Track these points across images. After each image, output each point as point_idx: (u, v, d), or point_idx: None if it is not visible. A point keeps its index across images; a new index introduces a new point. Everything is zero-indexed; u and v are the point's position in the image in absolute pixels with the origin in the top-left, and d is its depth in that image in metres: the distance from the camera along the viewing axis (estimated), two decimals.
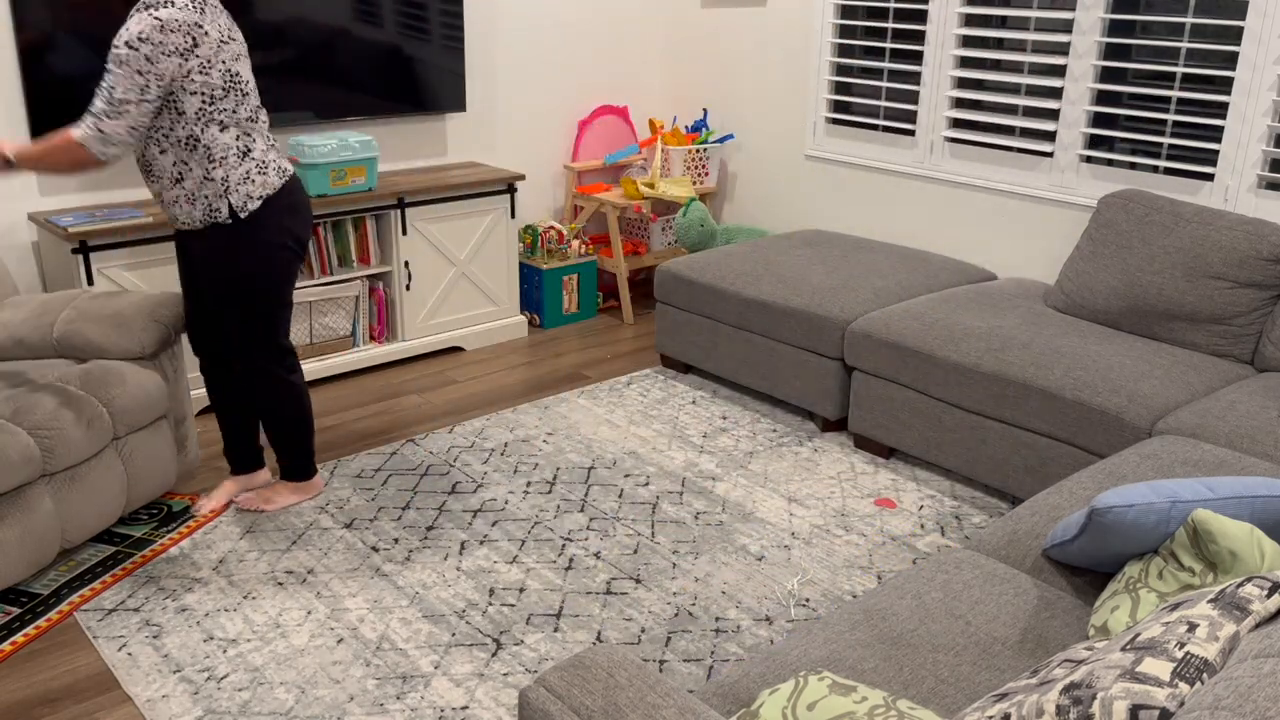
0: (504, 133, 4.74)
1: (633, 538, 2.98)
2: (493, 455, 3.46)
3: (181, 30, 2.53)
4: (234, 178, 2.71)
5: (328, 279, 3.98)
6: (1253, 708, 1.07)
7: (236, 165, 2.71)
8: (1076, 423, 2.91)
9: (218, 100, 2.64)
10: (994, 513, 3.16)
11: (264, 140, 2.78)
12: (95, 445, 2.73)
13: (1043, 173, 3.82)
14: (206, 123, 2.65)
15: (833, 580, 2.79)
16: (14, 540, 2.56)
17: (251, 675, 2.40)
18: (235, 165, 2.71)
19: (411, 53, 4.23)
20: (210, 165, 2.68)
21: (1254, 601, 1.29)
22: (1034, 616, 1.89)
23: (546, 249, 4.66)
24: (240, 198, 2.72)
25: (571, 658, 1.51)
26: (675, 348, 4.11)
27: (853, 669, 1.72)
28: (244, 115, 2.71)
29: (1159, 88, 3.47)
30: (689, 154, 4.84)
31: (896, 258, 3.98)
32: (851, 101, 4.45)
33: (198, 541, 2.95)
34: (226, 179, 2.70)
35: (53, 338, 2.98)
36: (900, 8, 4.13)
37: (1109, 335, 3.22)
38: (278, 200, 2.79)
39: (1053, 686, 1.26)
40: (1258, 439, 2.60)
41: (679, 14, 5.03)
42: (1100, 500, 1.87)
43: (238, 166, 2.71)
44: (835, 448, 3.56)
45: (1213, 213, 3.22)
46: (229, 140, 2.69)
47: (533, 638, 2.55)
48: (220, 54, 2.63)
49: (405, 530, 3.01)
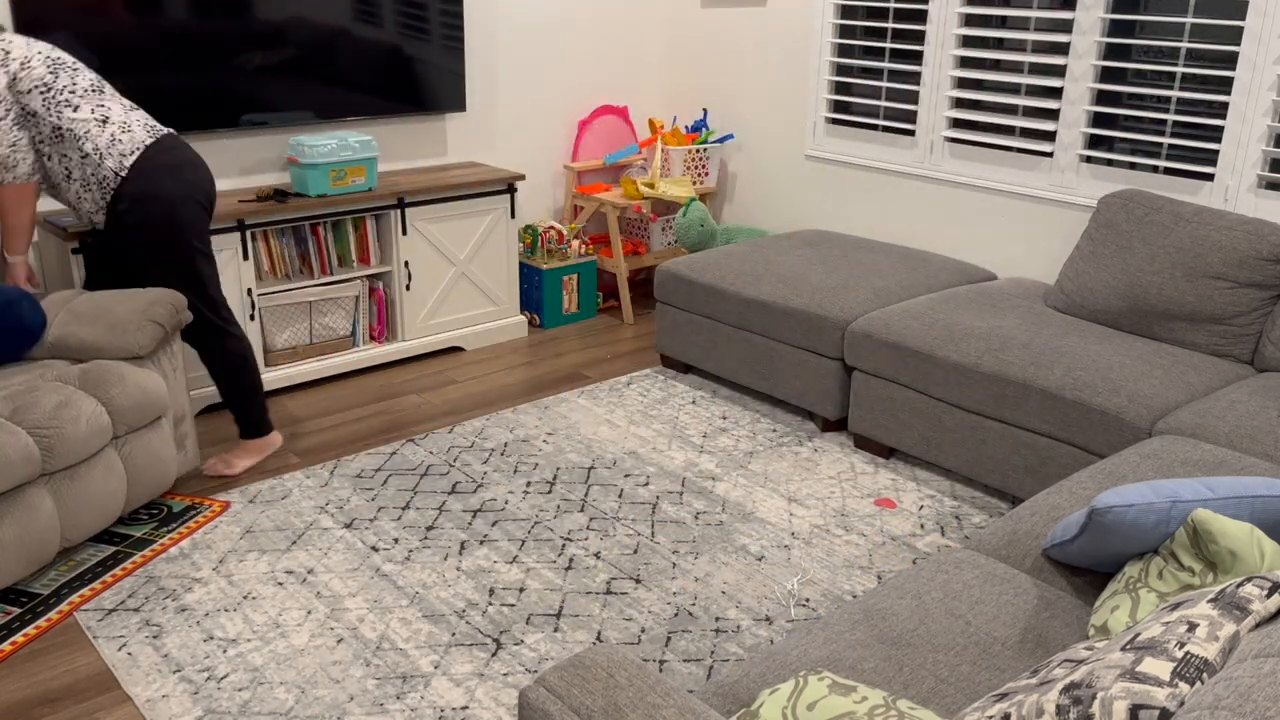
0: (504, 133, 4.74)
1: (633, 538, 2.98)
2: (493, 455, 3.46)
3: None
4: (103, 144, 2.91)
5: (328, 279, 3.98)
6: (1253, 708, 1.07)
7: (100, 133, 2.92)
8: (1076, 423, 2.91)
9: (52, 86, 2.87)
10: (994, 513, 3.16)
11: (120, 105, 2.98)
12: (94, 445, 2.73)
13: (1043, 173, 3.82)
14: (59, 109, 2.88)
15: (833, 580, 2.79)
16: (13, 540, 2.56)
17: (251, 675, 2.40)
18: (99, 133, 2.91)
19: (411, 53, 4.23)
20: (80, 141, 2.91)
21: (1254, 601, 1.29)
22: (1034, 616, 1.89)
23: (546, 249, 4.66)
24: (115, 159, 2.92)
25: (571, 658, 1.50)
26: (675, 348, 4.11)
27: (853, 669, 1.72)
28: (85, 86, 2.92)
29: (1159, 88, 3.47)
30: (689, 154, 4.84)
31: (896, 258, 3.98)
32: (851, 101, 4.45)
33: (198, 541, 2.95)
34: (98, 148, 2.91)
35: (49, 340, 2.97)
36: (900, 8, 4.13)
37: (1109, 335, 3.22)
38: (155, 155, 2.96)
39: (1053, 686, 1.26)
40: (1258, 439, 2.60)
41: (679, 14, 5.03)
42: (1100, 500, 1.87)
43: (102, 133, 2.92)
44: (835, 448, 3.56)
45: (1213, 213, 3.22)
46: (86, 114, 2.91)
47: (533, 638, 2.55)
48: (31, 49, 2.87)
49: (405, 530, 3.01)
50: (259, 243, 3.81)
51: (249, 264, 3.73)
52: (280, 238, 3.85)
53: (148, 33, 3.60)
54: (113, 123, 2.92)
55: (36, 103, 2.85)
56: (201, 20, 3.70)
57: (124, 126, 2.93)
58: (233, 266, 3.70)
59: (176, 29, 3.66)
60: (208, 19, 3.71)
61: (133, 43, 3.58)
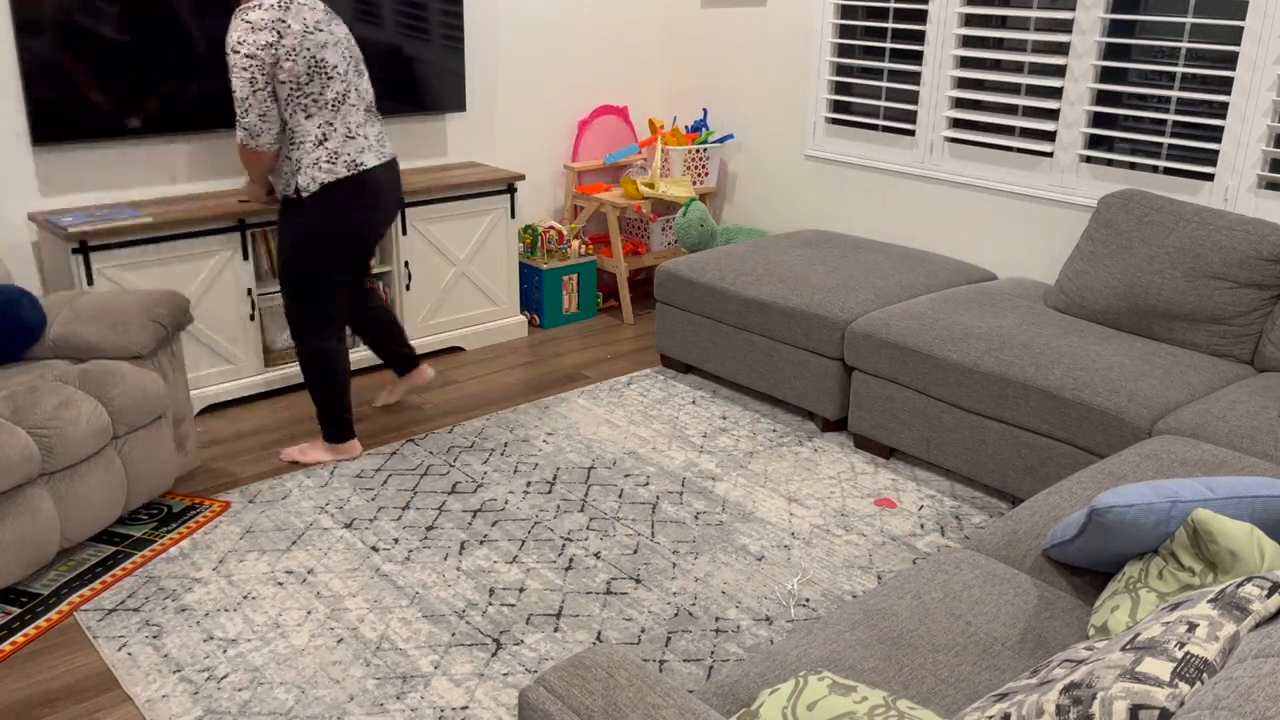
0: (504, 133, 4.74)
1: (633, 538, 2.98)
2: (493, 455, 3.46)
3: (268, 27, 2.92)
4: (307, 161, 3.07)
5: None
6: (1253, 708, 1.07)
7: (310, 151, 3.07)
8: (1076, 423, 2.91)
9: (303, 85, 3.00)
10: (994, 513, 3.16)
11: (345, 131, 3.11)
12: (94, 445, 2.72)
13: (1042, 173, 3.82)
14: (294, 109, 3.03)
15: (833, 580, 2.79)
16: (13, 540, 2.56)
17: (251, 675, 2.40)
18: (309, 151, 3.06)
19: (411, 53, 4.23)
20: (290, 147, 3.08)
21: (1254, 601, 1.29)
22: (1034, 616, 1.89)
23: (546, 249, 4.66)
24: (306, 178, 3.07)
25: (571, 658, 1.50)
26: (675, 348, 4.11)
27: (853, 669, 1.72)
28: (329, 98, 3.06)
29: (1159, 88, 3.47)
30: (689, 154, 4.84)
31: (896, 258, 3.98)
32: (851, 101, 4.45)
33: (198, 541, 2.95)
34: (300, 161, 3.07)
35: (49, 339, 2.97)
36: (900, 8, 4.13)
37: (1109, 335, 3.22)
38: (339, 188, 3.11)
39: (1053, 686, 1.26)
40: (1258, 439, 2.60)
41: (679, 14, 5.03)
42: (1100, 500, 1.87)
43: (311, 152, 3.07)
44: (835, 448, 3.56)
45: (1213, 213, 3.22)
46: (310, 128, 3.05)
47: (533, 638, 2.55)
48: (305, 42, 2.96)
49: (405, 530, 3.01)
50: (259, 243, 3.82)
51: (249, 264, 3.73)
52: None
53: (148, 32, 3.60)
54: (326, 147, 3.07)
55: (283, 92, 3.00)
56: (202, 20, 3.70)
57: (333, 155, 3.08)
58: (233, 266, 3.70)
59: (176, 28, 3.65)
60: (208, 18, 3.71)
61: (133, 42, 3.58)
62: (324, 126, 3.06)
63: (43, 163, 3.58)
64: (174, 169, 3.85)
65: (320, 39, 3.00)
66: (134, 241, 3.47)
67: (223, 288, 3.70)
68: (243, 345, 3.80)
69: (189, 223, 3.56)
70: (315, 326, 3.26)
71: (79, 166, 3.65)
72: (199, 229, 3.60)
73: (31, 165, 3.56)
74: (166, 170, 3.84)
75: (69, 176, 3.65)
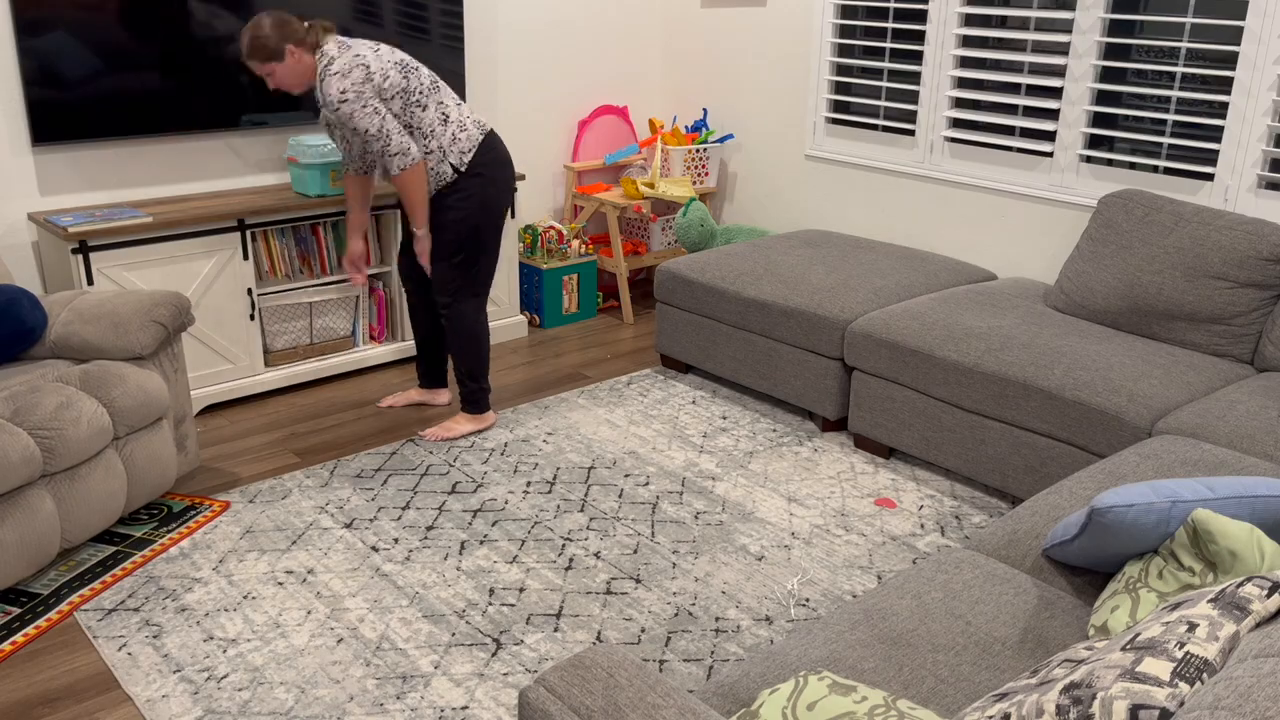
0: (504, 133, 4.74)
1: (633, 538, 2.98)
2: (493, 455, 3.46)
3: (355, 66, 3.16)
4: (445, 142, 3.30)
5: (328, 279, 3.98)
6: (1253, 708, 1.07)
7: (444, 132, 3.31)
8: (1076, 423, 2.91)
9: (407, 89, 3.24)
10: (994, 513, 3.16)
11: (453, 99, 3.36)
12: (95, 445, 2.73)
13: (1042, 173, 3.82)
14: (411, 111, 3.27)
15: (833, 580, 2.79)
16: (14, 540, 2.56)
17: (251, 675, 2.40)
18: (443, 132, 3.31)
19: (411, 53, 4.23)
20: (427, 140, 3.30)
21: (1254, 601, 1.29)
22: (1034, 616, 1.89)
23: (546, 249, 4.66)
24: (456, 156, 3.31)
25: (571, 658, 1.51)
26: (675, 348, 4.11)
27: (853, 669, 1.72)
28: (427, 85, 3.29)
29: (1159, 88, 3.47)
30: (689, 154, 4.84)
31: (896, 258, 3.98)
32: (851, 101, 4.45)
33: (198, 541, 2.95)
34: (441, 146, 3.30)
35: (50, 339, 2.98)
36: (900, 8, 4.13)
37: (1109, 335, 3.22)
38: (484, 147, 3.36)
39: (1053, 686, 1.26)
40: (1258, 439, 2.60)
41: (679, 14, 5.03)
42: (1100, 500, 1.87)
43: (445, 132, 3.31)
44: (835, 448, 3.56)
45: (1213, 213, 3.22)
46: (431, 117, 3.30)
47: (533, 638, 2.55)
48: (379, 61, 3.20)
49: (405, 530, 3.01)
50: (259, 243, 3.82)
51: (249, 264, 3.73)
52: (280, 238, 3.85)
53: (148, 32, 3.60)
54: (452, 121, 3.32)
55: (396, 106, 3.24)
56: (201, 20, 3.70)
57: (460, 125, 3.33)
58: (233, 266, 3.70)
59: (176, 28, 3.65)
60: (207, 18, 3.70)
61: (133, 42, 3.58)
62: (438, 108, 3.30)
63: (43, 163, 3.58)
64: (174, 169, 3.85)
65: (384, 53, 3.24)
66: (134, 241, 3.47)
67: (223, 288, 3.70)
68: (243, 345, 3.80)
69: (189, 223, 3.56)
70: (476, 291, 3.47)
71: (79, 166, 3.66)
72: (199, 229, 3.60)
73: (31, 165, 3.56)
74: (166, 170, 3.84)
75: (69, 176, 3.65)
